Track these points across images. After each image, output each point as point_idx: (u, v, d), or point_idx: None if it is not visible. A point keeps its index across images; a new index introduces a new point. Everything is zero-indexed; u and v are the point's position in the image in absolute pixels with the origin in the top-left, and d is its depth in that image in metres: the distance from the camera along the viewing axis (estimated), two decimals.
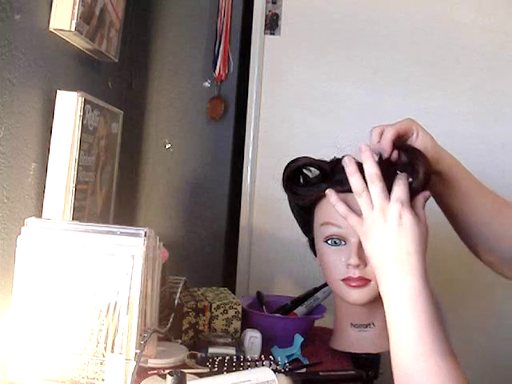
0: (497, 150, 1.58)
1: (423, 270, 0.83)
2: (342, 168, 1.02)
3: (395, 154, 0.99)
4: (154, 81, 1.64)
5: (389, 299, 0.84)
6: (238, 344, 1.09)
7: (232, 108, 1.63)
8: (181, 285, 1.17)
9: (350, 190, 1.01)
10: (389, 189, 0.91)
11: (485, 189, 1.02)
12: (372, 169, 0.88)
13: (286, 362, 1.05)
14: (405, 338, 0.80)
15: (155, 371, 0.95)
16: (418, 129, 0.99)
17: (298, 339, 1.10)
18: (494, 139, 1.58)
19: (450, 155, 1.01)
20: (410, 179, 0.93)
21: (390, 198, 0.86)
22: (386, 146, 0.95)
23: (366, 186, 0.88)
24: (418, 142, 0.98)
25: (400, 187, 0.87)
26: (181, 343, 1.10)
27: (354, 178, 0.90)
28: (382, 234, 0.85)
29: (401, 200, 0.86)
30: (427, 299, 0.81)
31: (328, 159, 1.07)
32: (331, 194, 0.96)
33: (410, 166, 0.95)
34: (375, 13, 1.61)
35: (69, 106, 1.02)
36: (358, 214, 0.92)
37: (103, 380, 0.84)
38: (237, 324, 1.15)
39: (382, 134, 0.96)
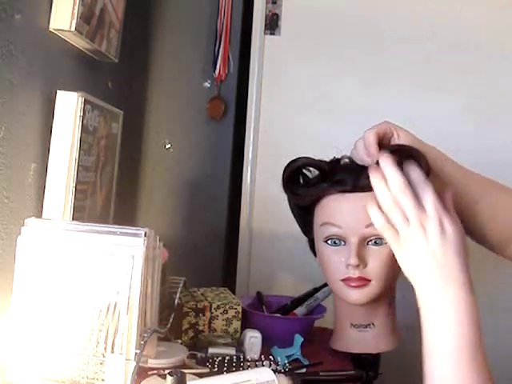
0: (497, 150, 1.58)
1: (470, 281, 0.79)
2: (342, 168, 1.03)
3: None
4: (154, 81, 1.64)
5: (434, 314, 0.81)
6: (238, 344, 1.09)
7: (232, 108, 1.63)
8: (181, 285, 1.17)
9: (349, 190, 1.02)
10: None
11: (468, 171, 1.00)
12: (398, 177, 0.81)
13: (286, 362, 1.05)
14: (454, 366, 0.77)
15: (155, 371, 0.95)
16: (396, 128, 0.98)
17: (298, 339, 1.10)
18: (494, 139, 1.59)
19: (432, 147, 0.99)
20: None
21: (424, 207, 0.80)
22: (372, 150, 0.93)
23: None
24: (400, 140, 0.97)
25: (429, 193, 0.81)
26: (181, 343, 1.10)
27: (383, 193, 0.82)
28: (424, 248, 0.79)
29: (437, 208, 0.80)
30: (475, 313, 0.78)
31: (328, 159, 1.07)
32: (370, 207, 0.84)
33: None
34: (375, 12, 1.62)
35: (69, 106, 1.02)
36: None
37: (103, 380, 0.84)
38: (237, 324, 1.15)
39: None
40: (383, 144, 0.96)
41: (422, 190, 0.82)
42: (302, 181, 1.10)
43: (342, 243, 1.03)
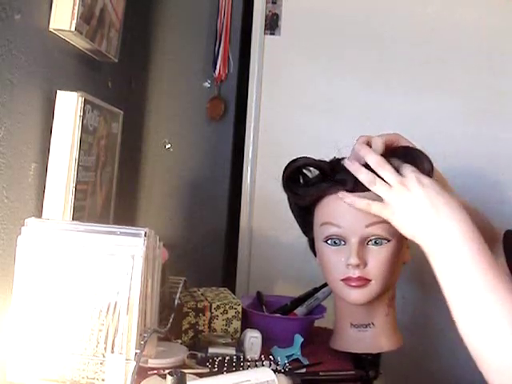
0: (496, 150, 1.58)
1: (464, 211, 0.86)
2: (342, 168, 1.03)
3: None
4: (154, 81, 1.64)
5: (442, 251, 0.85)
6: (238, 344, 1.09)
7: (232, 108, 1.63)
8: (181, 285, 1.17)
9: (349, 190, 1.02)
10: None
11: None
12: (375, 157, 0.93)
13: (286, 362, 1.05)
14: (469, 278, 0.80)
15: (155, 371, 0.95)
16: (404, 140, 1.01)
17: (298, 339, 1.10)
18: (494, 139, 1.58)
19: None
20: None
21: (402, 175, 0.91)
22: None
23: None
24: None
25: (408, 167, 0.92)
26: (181, 343, 1.10)
27: (361, 173, 0.94)
28: (411, 201, 0.88)
29: (414, 171, 0.90)
30: (479, 236, 0.83)
31: (328, 159, 1.07)
32: (345, 196, 0.98)
33: (412, 163, 0.96)
34: (375, 13, 1.61)
35: (69, 105, 1.02)
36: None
37: (103, 380, 0.84)
38: (237, 324, 1.15)
39: (366, 144, 0.98)
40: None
41: (402, 168, 0.92)
42: (302, 181, 1.11)
43: (342, 243, 1.03)
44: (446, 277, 0.84)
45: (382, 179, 0.92)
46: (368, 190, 1.01)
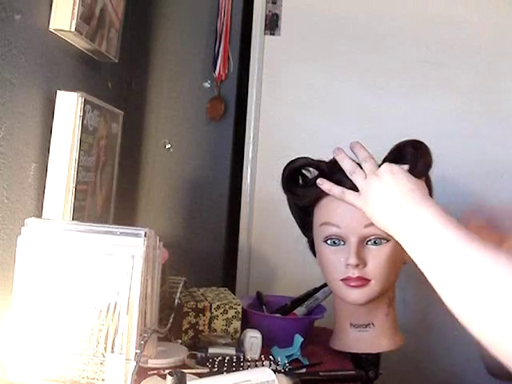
0: (496, 150, 1.58)
1: (431, 198, 0.88)
2: (341, 168, 1.03)
3: None
4: (154, 81, 1.64)
5: (414, 236, 0.84)
6: (238, 344, 1.09)
7: (232, 108, 1.63)
8: (181, 285, 1.17)
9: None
10: None
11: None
12: (365, 153, 0.98)
13: (286, 362, 1.05)
14: (455, 254, 0.78)
15: (155, 371, 0.95)
16: None
17: (298, 339, 1.10)
18: (494, 139, 1.58)
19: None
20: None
21: None
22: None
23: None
24: None
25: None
26: (181, 343, 1.10)
27: (345, 161, 0.99)
28: (380, 189, 0.91)
29: (389, 164, 0.94)
30: (448, 216, 0.82)
31: (327, 159, 1.07)
32: (323, 182, 1.01)
33: (411, 157, 0.97)
34: (375, 13, 1.61)
35: (69, 106, 1.02)
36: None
37: (103, 380, 0.84)
38: (237, 324, 1.15)
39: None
40: None
41: None
42: (301, 181, 1.11)
43: (342, 243, 1.04)
44: (423, 259, 0.83)
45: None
46: None
